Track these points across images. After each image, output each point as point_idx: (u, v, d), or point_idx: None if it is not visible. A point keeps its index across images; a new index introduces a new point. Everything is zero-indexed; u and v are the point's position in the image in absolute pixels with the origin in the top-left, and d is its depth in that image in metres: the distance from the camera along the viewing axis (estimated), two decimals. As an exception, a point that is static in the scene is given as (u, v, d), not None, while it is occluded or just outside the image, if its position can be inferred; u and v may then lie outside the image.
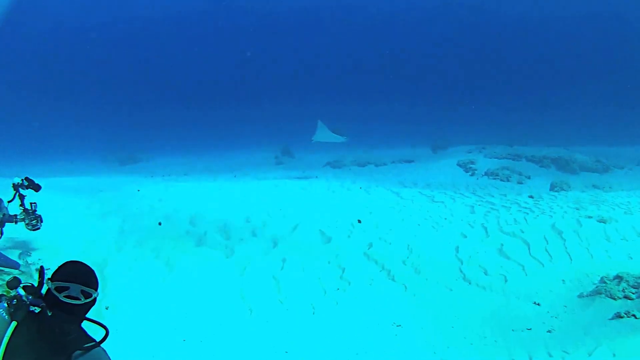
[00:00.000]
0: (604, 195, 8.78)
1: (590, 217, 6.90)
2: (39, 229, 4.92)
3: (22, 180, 4.87)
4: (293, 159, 18.96)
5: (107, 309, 4.36)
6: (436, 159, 14.25)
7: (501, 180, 10.92)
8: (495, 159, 12.66)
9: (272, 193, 8.83)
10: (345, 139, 12.88)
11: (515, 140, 15.44)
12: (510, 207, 7.59)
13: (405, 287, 4.99)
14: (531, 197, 8.60)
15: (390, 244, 5.97)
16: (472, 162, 12.59)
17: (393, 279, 5.14)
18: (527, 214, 7.17)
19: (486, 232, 6.41)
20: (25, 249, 5.27)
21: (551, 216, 7.03)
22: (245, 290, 4.87)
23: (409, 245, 5.90)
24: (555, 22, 39.23)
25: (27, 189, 4.89)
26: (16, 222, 4.85)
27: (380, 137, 21.58)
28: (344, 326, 4.31)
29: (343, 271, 5.27)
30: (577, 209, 7.38)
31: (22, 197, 4.88)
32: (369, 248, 5.84)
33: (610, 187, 9.58)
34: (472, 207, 7.66)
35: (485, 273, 5.34)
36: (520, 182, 10.79)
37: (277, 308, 4.57)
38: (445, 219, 6.97)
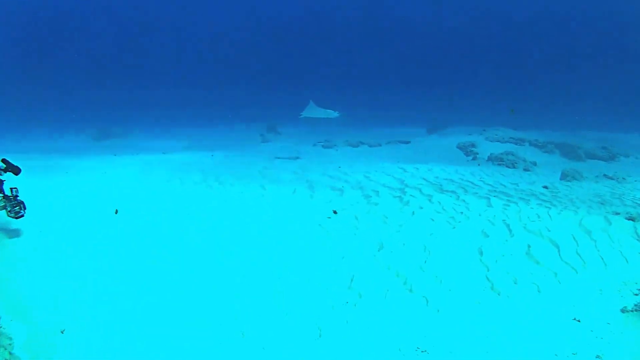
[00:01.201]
0: (621, 188, 8.16)
1: (617, 213, 6.25)
2: (22, 216, 4.31)
3: None
4: (280, 136, 17.93)
5: (62, 332, 3.45)
6: (434, 141, 13.45)
7: (506, 166, 10.22)
8: (498, 143, 11.95)
9: (258, 177, 7.89)
10: (338, 114, 11.82)
11: (516, 124, 14.77)
12: (529, 200, 6.86)
13: (427, 300, 4.21)
14: (546, 187, 7.91)
15: (403, 244, 5.15)
16: (473, 145, 11.86)
17: (411, 290, 4.35)
18: (549, 208, 6.45)
19: (509, 230, 5.66)
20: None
21: (575, 212, 6.33)
22: (234, 306, 4.01)
23: (425, 247, 5.10)
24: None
25: (5, 172, 4.25)
26: None
27: (371, 114, 20.71)
28: (358, 353, 3.51)
29: (352, 280, 4.45)
30: (602, 204, 6.71)
31: (0, 182, 4.25)
32: (379, 250, 5.01)
33: (624, 178, 8.98)
34: (488, 199, 6.90)
35: (515, 282, 4.60)
36: (527, 169, 10.10)
37: (276, 329, 3.74)
38: (462, 213, 6.18)
